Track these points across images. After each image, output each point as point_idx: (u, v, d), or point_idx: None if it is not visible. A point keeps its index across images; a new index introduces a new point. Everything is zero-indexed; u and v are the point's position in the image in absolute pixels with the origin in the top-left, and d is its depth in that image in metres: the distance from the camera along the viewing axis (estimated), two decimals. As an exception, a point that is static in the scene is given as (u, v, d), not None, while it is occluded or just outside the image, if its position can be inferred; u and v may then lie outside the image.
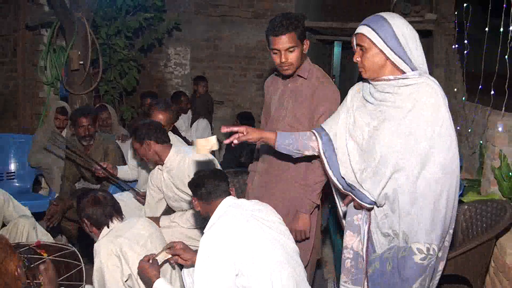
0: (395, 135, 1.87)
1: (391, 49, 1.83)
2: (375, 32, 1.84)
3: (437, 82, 1.87)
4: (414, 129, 1.83)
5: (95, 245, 2.37)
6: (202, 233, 2.94)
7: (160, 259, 2.27)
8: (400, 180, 1.87)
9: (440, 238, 1.86)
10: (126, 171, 3.57)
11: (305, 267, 2.31)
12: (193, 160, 2.85)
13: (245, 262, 1.96)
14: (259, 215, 2.11)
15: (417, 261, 1.86)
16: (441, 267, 1.99)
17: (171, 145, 2.94)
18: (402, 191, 1.88)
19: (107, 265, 2.28)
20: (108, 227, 2.43)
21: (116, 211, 2.48)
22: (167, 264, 2.47)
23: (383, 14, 1.89)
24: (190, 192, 2.26)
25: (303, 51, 2.45)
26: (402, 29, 1.83)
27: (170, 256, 2.32)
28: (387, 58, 1.86)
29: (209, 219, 2.18)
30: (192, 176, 2.28)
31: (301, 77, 2.51)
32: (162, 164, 2.93)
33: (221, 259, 1.96)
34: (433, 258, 1.86)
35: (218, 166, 2.90)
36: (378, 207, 2.00)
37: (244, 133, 2.14)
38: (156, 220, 3.00)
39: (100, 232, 2.43)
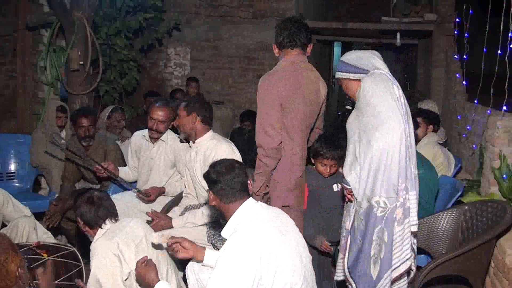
0: (354, 117, 2.40)
1: (347, 72, 2.41)
2: (338, 71, 2.47)
3: (378, 72, 2.33)
4: (362, 107, 2.33)
5: (92, 245, 2.37)
6: (209, 230, 2.98)
7: (157, 240, 2.30)
8: (356, 151, 2.33)
9: (388, 192, 2.22)
10: (127, 172, 3.58)
11: None
12: (220, 152, 2.95)
13: (268, 273, 1.96)
14: (278, 223, 2.11)
15: (375, 212, 2.24)
16: (399, 228, 2.26)
17: (210, 130, 3.11)
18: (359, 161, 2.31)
19: (105, 265, 2.28)
20: (101, 228, 2.43)
21: (110, 212, 2.47)
22: (163, 262, 2.48)
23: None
24: (203, 182, 2.28)
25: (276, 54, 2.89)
26: (349, 55, 2.43)
27: (166, 242, 2.32)
28: (351, 79, 2.42)
29: (223, 215, 2.17)
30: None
31: None
32: (193, 142, 3.10)
33: (244, 267, 1.94)
34: (386, 210, 2.23)
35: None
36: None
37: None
38: (167, 220, 3.02)
39: (95, 233, 2.43)
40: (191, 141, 3.17)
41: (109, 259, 2.29)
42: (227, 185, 2.12)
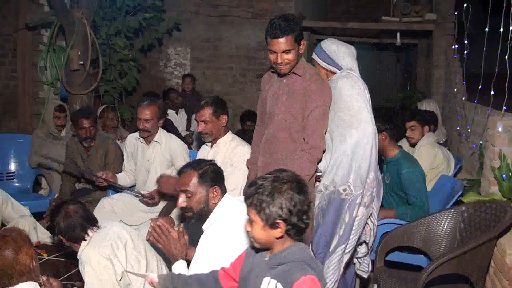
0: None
1: (322, 60, 2.69)
2: (315, 53, 2.74)
3: (353, 75, 2.62)
4: (336, 103, 2.59)
5: (81, 255, 2.34)
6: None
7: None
8: (328, 141, 2.58)
9: (355, 181, 2.50)
10: (124, 178, 3.54)
11: None
12: (240, 154, 3.01)
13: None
14: None
15: (340, 196, 2.51)
16: (361, 213, 2.56)
17: (229, 130, 3.18)
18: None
19: (100, 272, 2.27)
20: (84, 240, 2.39)
21: (89, 222, 2.42)
22: (152, 257, 2.52)
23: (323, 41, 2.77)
24: None
25: (300, 51, 2.55)
26: (330, 46, 2.68)
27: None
28: (322, 67, 2.71)
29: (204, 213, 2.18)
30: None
31: (296, 74, 2.60)
32: (214, 143, 3.13)
33: (220, 258, 1.96)
34: (351, 195, 2.51)
35: None
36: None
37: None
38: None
39: (79, 245, 2.40)
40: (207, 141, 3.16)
41: (103, 264, 2.28)
42: (222, 179, 2.26)
